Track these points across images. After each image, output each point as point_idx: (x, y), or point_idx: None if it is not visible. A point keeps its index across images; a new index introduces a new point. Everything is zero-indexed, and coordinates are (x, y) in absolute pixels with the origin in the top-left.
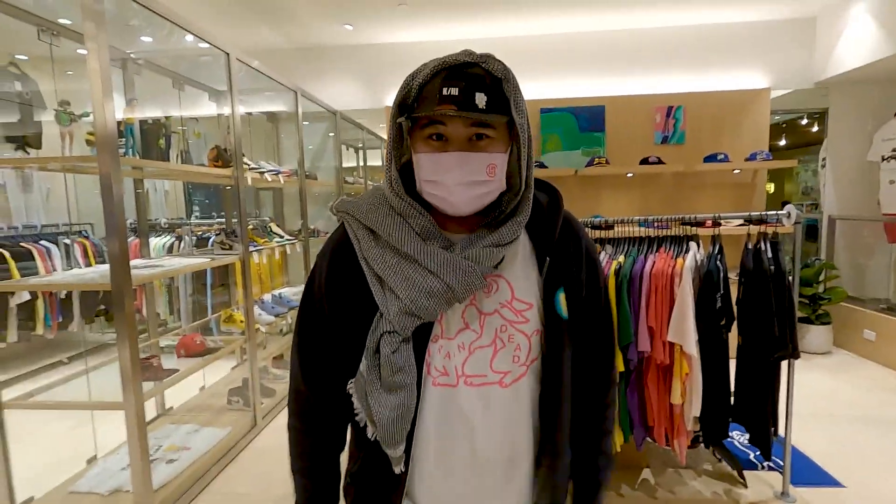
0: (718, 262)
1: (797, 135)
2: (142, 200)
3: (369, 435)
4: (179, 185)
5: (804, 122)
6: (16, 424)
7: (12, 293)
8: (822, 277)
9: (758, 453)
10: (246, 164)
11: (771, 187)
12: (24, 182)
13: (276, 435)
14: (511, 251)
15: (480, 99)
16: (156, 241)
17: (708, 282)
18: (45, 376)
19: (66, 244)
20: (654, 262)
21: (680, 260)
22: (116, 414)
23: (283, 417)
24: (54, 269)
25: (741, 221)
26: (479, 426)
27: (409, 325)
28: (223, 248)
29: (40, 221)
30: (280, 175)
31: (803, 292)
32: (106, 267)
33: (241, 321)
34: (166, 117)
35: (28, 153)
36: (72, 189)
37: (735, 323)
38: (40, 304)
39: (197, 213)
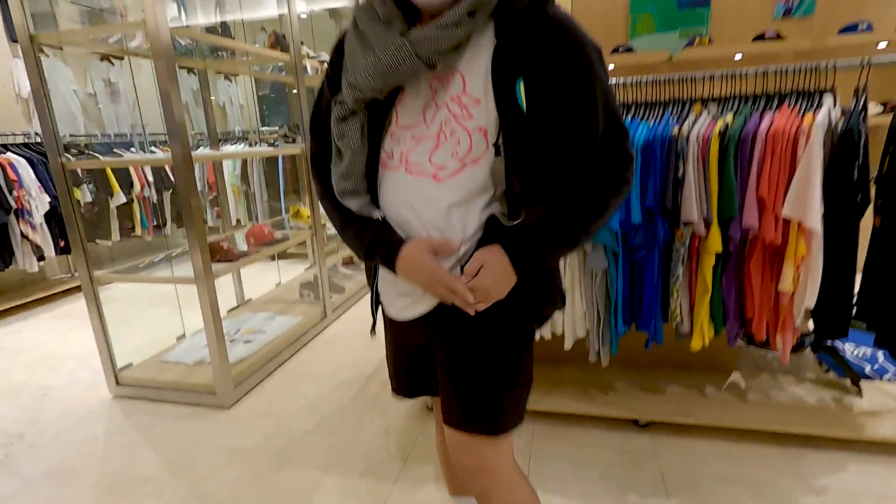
0: (861, 123)
1: None
2: (210, 108)
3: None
4: (252, 98)
5: None
6: (116, 311)
7: (112, 194)
8: None
9: (877, 365)
10: (305, 52)
11: None
12: (113, 93)
13: (344, 327)
14: (474, 44)
15: None
16: (231, 148)
17: (845, 145)
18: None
19: (152, 151)
20: (773, 121)
21: (808, 116)
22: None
23: (350, 312)
24: (144, 173)
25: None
26: (417, 213)
27: (351, 96)
28: (287, 141)
29: (129, 130)
30: None
31: None
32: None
33: (308, 216)
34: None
35: (112, 64)
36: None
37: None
38: (136, 206)
39: (268, 123)
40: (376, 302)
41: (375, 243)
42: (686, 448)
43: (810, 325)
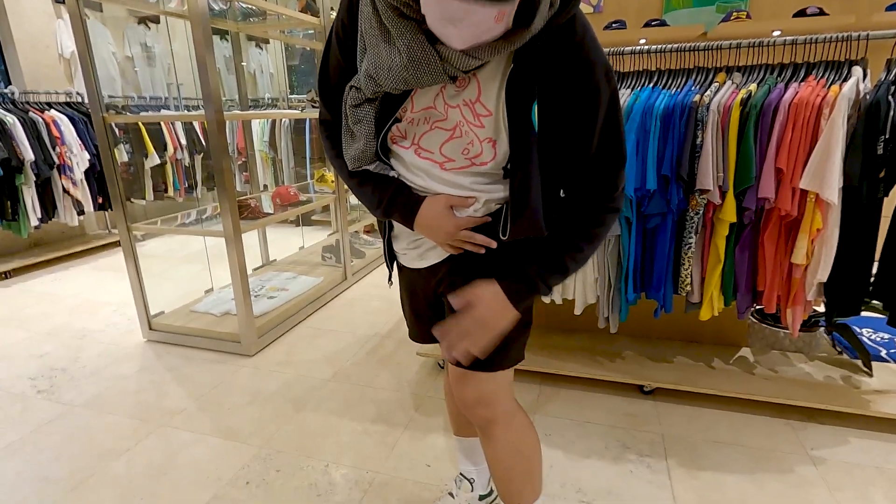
0: (891, 96)
1: None
2: (241, 73)
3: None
4: (282, 66)
5: None
6: (150, 265)
7: (147, 155)
8: None
9: (893, 350)
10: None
11: None
12: (149, 57)
13: (363, 290)
14: (497, 59)
15: None
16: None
17: (871, 118)
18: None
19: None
20: (798, 92)
21: (835, 87)
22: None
23: (370, 276)
24: (177, 136)
25: None
26: (427, 180)
27: (369, 87)
28: (314, 106)
29: (164, 94)
30: None
31: None
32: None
33: (332, 181)
34: None
35: (149, 28)
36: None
37: None
38: (169, 168)
39: (296, 91)
40: (390, 254)
41: (393, 202)
42: (690, 415)
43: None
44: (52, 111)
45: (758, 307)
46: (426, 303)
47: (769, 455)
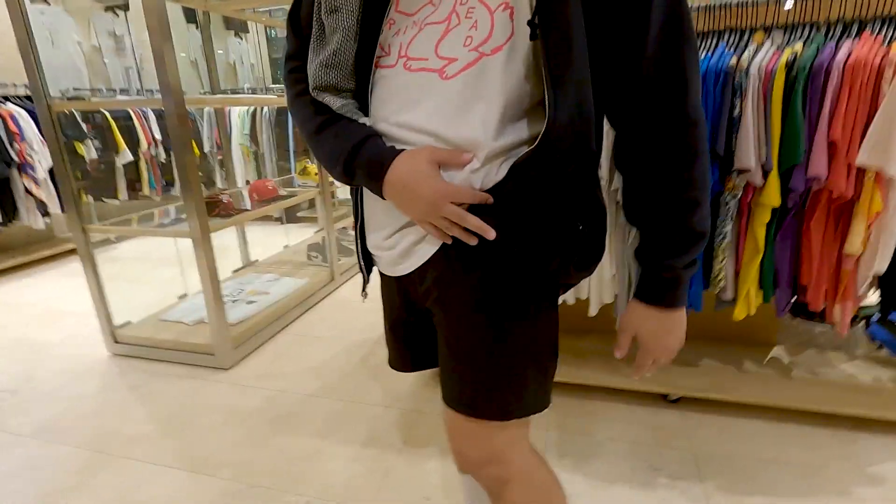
0: None
1: None
2: (213, 60)
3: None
4: (266, 57)
5: None
6: (122, 270)
7: (117, 151)
8: None
9: None
10: None
11: None
12: (118, 47)
13: (353, 290)
14: None
15: None
16: (240, 109)
17: None
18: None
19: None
20: (852, 51)
21: None
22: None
23: (360, 275)
24: (151, 131)
25: None
26: (417, 125)
27: None
28: None
29: (137, 85)
30: None
31: None
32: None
33: (315, 173)
34: None
35: (117, 15)
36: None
37: None
38: (143, 164)
39: (279, 81)
40: (365, 255)
41: (357, 152)
42: (722, 427)
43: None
44: (9, 105)
45: (797, 303)
46: (408, 321)
47: (819, 473)
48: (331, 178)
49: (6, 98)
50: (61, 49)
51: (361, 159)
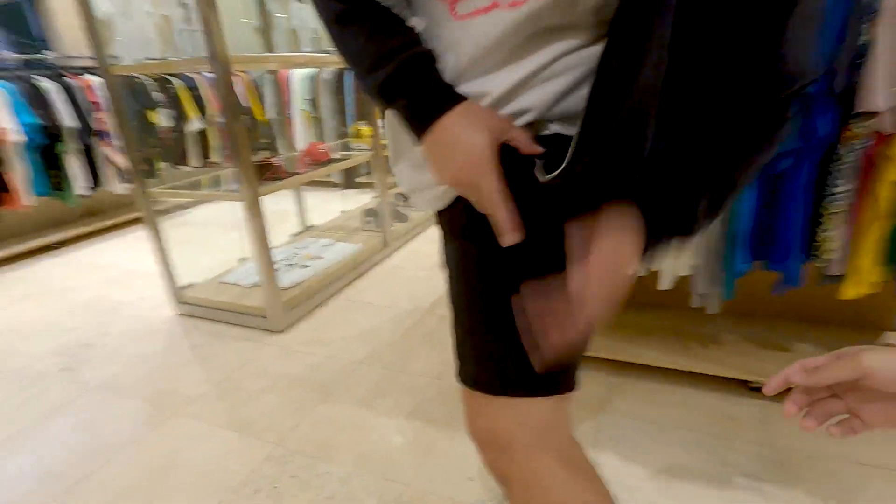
0: None
1: None
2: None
3: None
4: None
5: None
6: (191, 234)
7: (186, 119)
8: None
9: None
10: None
11: None
12: (187, 17)
13: (406, 258)
14: None
15: None
16: (301, 74)
17: None
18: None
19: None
20: None
21: None
22: (274, 227)
23: (414, 242)
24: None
25: None
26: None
27: None
28: None
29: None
30: None
31: None
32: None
33: (369, 136)
34: None
35: None
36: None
37: None
38: (211, 132)
39: None
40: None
41: (407, 72)
42: None
43: None
44: (87, 75)
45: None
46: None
47: None
48: (383, 141)
49: (84, 69)
50: (134, 20)
51: (410, 82)
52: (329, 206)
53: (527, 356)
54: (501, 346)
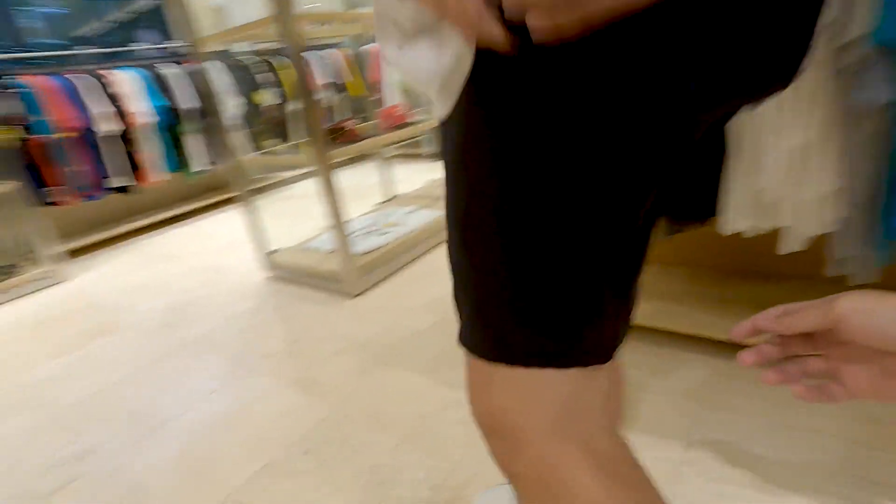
0: None
1: None
2: None
3: None
4: None
5: None
6: (294, 205)
7: (284, 101)
8: None
9: None
10: None
11: None
12: None
13: None
14: None
15: None
16: None
17: None
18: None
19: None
20: None
21: None
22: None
23: None
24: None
25: None
26: None
27: None
28: None
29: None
30: None
31: None
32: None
33: None
34: None
35: None
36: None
37: None
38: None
39: None
40: None
41: None
42: None
43: None
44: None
45: None
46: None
47: None
48: None
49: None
50: (238, 8)
51: None
52: (419, 176)
53: (542, 310)
54: (509, 289)
